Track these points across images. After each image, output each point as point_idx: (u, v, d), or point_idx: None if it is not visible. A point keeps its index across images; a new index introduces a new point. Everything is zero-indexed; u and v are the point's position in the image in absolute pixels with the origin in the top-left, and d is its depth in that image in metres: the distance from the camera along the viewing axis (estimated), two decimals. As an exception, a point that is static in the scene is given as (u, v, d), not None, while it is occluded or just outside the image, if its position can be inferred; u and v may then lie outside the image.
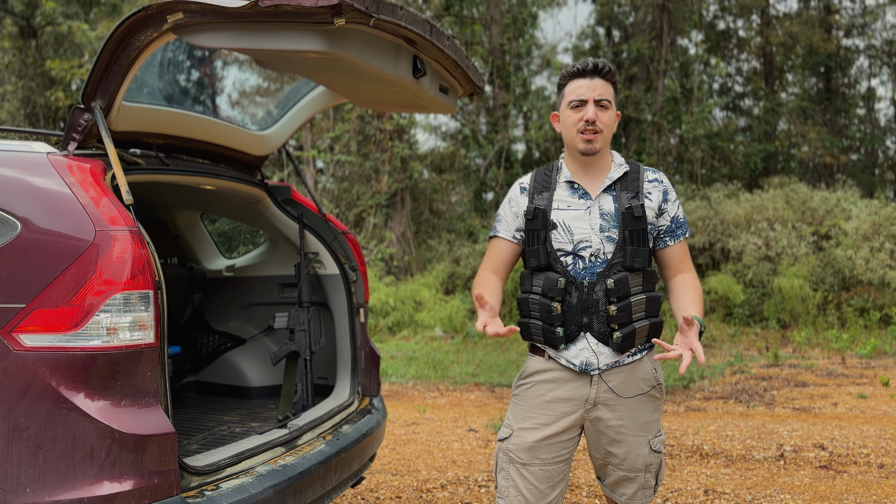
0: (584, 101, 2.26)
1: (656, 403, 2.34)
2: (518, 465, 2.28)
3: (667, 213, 2.33)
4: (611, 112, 2.29)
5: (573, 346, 2.27)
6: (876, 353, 9.36)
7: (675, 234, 2.35)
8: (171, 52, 2.99)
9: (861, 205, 12.63)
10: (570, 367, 2.27)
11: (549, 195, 2.33)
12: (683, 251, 2.36)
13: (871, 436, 5.32)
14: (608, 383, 2.27)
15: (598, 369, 2.26)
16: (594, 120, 2.24)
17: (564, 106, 2.31)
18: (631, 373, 2.28)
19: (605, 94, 2.27)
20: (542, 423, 2.28)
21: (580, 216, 2.28)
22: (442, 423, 6.07)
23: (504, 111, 16.58)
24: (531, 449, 2.27)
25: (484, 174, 16.47)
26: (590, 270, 2.25)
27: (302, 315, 3.31)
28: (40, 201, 2.10)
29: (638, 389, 2.29)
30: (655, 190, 2.33)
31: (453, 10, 16.04)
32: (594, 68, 2.27)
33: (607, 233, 2.26)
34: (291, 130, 3.45)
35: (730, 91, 19.87)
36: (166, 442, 2.03)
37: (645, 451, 2.30)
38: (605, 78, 2.28)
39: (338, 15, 2.02)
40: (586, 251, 2.26)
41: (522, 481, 2.28)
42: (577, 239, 2.26)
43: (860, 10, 19.34)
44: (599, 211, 2.28)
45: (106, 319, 1.99)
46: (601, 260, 2.25)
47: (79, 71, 15.05)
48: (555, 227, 2.28)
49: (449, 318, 11.52)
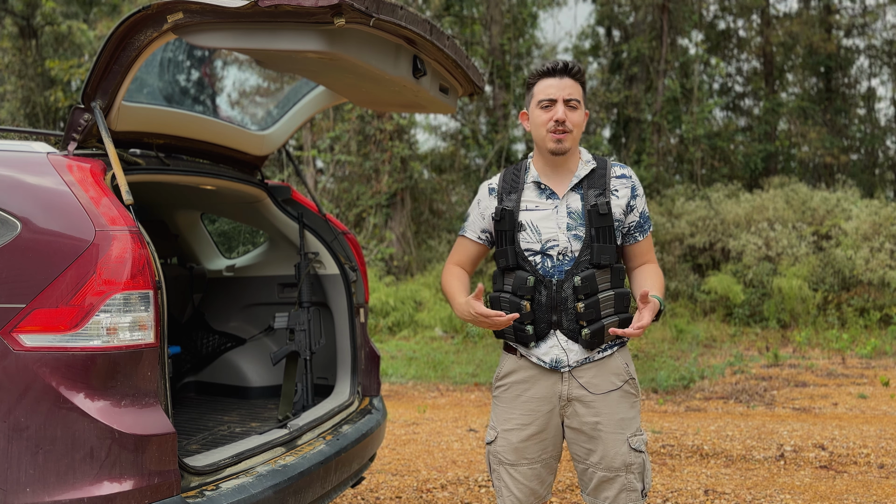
0: (554, 101, 2.28)
1: (632, 400, 2.35)
2: (507, 465, 2.34)
3: (635, 210, 2.36)
4: (580, 111, 2.31)
5: (543, 344, 2.30)
6: (876, 353, 9.36)
7: (643, 229, 2.38)
8: (171, 52, 2.99)
9: (861, 205, 12.63)
10: (540, 364, 2.30)
11: (518, 196, 2.36)
12: (649, 245, 2.41)
13: (871, 436, 5.32)
14: (579, 380, 2.29)
15: (569, 366, 2.28)
16: (564, 119, 2.26)
17: (534, 105, 2.33)
18: (601, 368, 2.30)
19: (575, 94, 2.29)
20: (523, 423, 2.32)
21: (547, 216, 2.31)
22: (442, 423, 6.07)
23: (504, 111, 16.58)
24: (516, 450, 2.32)
25: (484, 174, 16.46)
26: (558, 269, 2.28)
27: (302, 315, 3.31)
28: (40, 201, 2.10)
29: (611, 385, 2.30)
30: (623, 187, 2.34)
31: (453, 10, 16.04)
32: (563, 68, 2.29)
33: (574, 231, 2.28)
34: (291, 130, 3.45)
35: (730, 91, 19.87)
36: (166, 442, 2.02)
37: (623, 448, 2.29)
38: (575, 77, 2.30)
39: (338, 15, 2.02)
40: (554, 250, 2.28)
41: (513, 481, 2.34)
42: (545, 238, 2.29)
43: (860, 10, 19.33)
44: (567, 210, 2.31)
45: (106, 319, 1.99)
46: (569, 258, 2.27)
47: (78, 71, 15.04)
48: (523, 228, 2.31)
49: (449, 318, 11.52)
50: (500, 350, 10.62)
